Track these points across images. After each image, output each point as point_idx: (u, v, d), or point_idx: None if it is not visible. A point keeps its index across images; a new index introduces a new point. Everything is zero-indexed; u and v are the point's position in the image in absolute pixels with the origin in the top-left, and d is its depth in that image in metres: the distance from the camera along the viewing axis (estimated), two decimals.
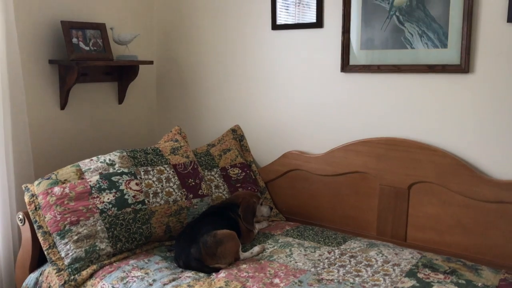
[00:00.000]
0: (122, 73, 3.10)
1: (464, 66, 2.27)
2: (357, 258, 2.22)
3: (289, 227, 2.62)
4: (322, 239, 2.45)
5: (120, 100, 3.19)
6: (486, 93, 2.27)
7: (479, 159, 2.31)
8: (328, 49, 2.66)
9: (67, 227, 2.16)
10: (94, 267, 2.14)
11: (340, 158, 2.62)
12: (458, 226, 2.34)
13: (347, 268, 2.13)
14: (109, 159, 2.41)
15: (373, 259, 2.20)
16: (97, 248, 2.17)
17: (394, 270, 2.10)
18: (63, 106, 2.85)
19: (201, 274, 2.10)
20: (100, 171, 2.35)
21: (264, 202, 2.76)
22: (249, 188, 2.82)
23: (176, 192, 2.44)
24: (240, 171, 2.86)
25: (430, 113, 2.42)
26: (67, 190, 2.25)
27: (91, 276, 2.13)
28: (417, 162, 2.40)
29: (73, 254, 2.13)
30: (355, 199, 2.62)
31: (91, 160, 2.41)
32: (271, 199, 2.92)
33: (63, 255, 2.14)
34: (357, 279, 2.03)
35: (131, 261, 2.21)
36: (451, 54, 2.31)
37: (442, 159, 2.34)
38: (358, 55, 2.57)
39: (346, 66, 2.59)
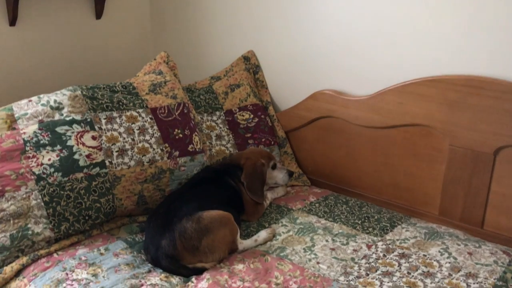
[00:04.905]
0: None
1: None
2: (410, 259, 1.62)
3: (314, 198, 2.11)
4: (360, 222, 1.90)
5: (98, 14, 2.68)
6: None
7: None
8: None
9: None
10: (24, 259, 1.59)
11: (393, 103, 2.09)
12: None
13: (394, 279, 1.52)
14: (55, 100, 1.78)
15: (435, 263, 1.61)
16: (30, 232, 1.61)
17: (469, 286, 1.48)
18: (12, 21, 2.32)
19: (174, 279, 1.51)
20: (40, 118, 1.74)
21: (282, 162, 2.21)
22: (263, 140, 2.25)
23: (154, 149, 1.85)
24: (251, 115, 2.31)
25: None
26: None
27: (18, 273, 1.58)
28: None
29: None
30: (411, 163, 2.12)
31: (30, 101, 1.78)
32: (293, 155, 2.39)
33: None
34: None
35: (80, 251, 1.65)
36: None
37: None
38: None
39: None
